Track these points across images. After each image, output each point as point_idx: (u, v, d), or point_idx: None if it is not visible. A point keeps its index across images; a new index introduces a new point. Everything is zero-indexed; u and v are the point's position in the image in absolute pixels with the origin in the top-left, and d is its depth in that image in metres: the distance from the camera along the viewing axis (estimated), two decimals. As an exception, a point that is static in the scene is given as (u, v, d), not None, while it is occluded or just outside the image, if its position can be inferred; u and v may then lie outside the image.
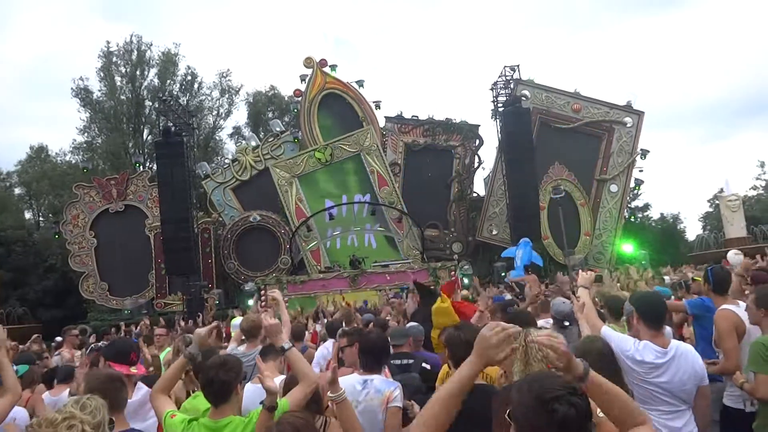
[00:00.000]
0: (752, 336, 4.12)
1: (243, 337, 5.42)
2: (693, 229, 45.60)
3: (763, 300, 3.82)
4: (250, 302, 20.67)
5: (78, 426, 2.16)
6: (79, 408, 2.25)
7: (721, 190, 26.26)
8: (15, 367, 4.61)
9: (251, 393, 3.74)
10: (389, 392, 3.45)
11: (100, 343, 7.26)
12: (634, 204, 35.96)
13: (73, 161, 38.87)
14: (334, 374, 3.09)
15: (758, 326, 4.02)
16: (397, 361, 4.58)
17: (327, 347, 6.25)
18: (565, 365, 1.91)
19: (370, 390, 3.52)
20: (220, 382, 2.98)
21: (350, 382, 3.59)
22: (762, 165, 41.02)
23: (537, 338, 1.94)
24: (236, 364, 3.13)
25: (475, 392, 2.94)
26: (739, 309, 4.38)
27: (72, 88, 37.32)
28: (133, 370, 3.67)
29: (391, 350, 4.51)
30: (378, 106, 26.30)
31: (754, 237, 23.64)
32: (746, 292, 5.20)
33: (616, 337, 3.50)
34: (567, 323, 4.94)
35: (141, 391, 3.72)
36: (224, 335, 6.71)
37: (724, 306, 4.46)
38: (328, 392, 3.08)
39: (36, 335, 9.01)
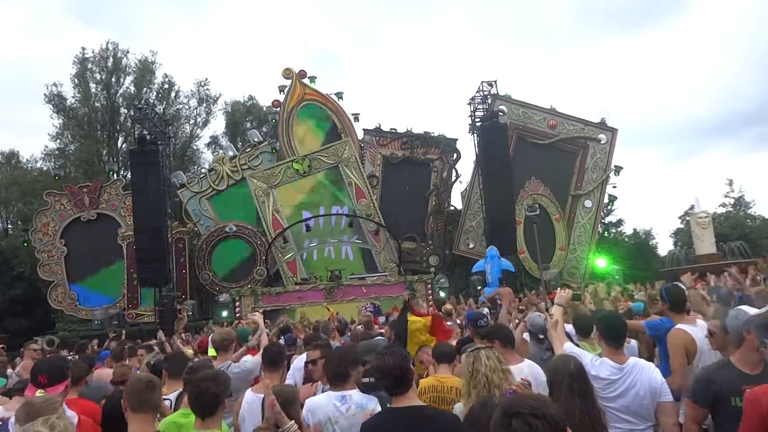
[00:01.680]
0: (704, 356, 4.20)
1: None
2: (665, 245, 46.44)
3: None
4: (224, 314, 20.44)
5: None
6: (48, 428, 2.19)
7: (692, 207, 26.79)
8: None
9: (251, 401, 3.87)
10: (371, 408, 3.43)
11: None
12: (607, 219, 36.52)
13: (45, 168, 38.04)
14: (278, 418, 3.10)
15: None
16: (365, 379, 4.53)
17: (302, 359, 6.20)
18: None
19: (350, 405, 3.49)
20: (211, 395, 3.05)
21: (328, 400, 3.54)
22: (730, 183, 41.95)
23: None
24: (226, 379, 3.25)
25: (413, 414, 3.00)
26: (695, 328, 4.46)
27: (45, 94, 36.68)
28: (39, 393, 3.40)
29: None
30: (357, 119, 26.41)
31: (723, 253, 24.16)
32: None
33: (576, 353, 3.60)
34: (542, 336, 4.99)
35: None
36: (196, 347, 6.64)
37: (679, 325, 4.56)
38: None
39: (0, 346, 8.76)
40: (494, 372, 3.10)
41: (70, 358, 6.52)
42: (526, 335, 5.26)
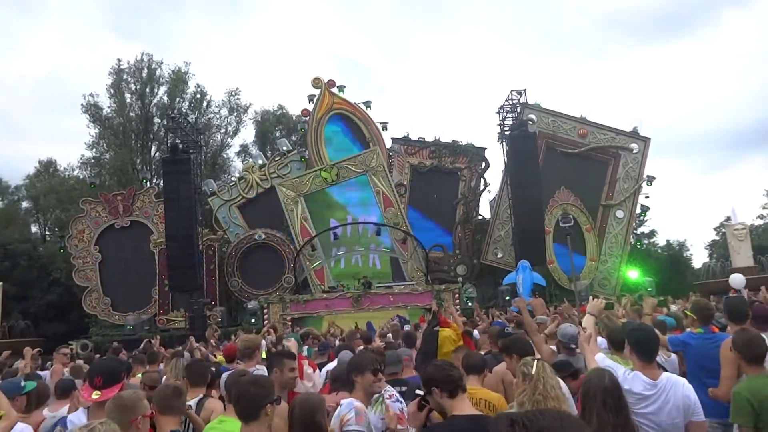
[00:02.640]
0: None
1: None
2: (699, 257, 45.25)
3: (737, 344, 3.81)
4: (253, 320, 20.62)
5: None
6: (103, 428, 2.26)
7: (728, 219, 26.10)
8: (22, 383, 4.57)
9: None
10: (344, 415, 3.43)
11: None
12: (640, 230, 35.88)
13: (81, 176, 39.11)
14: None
15: None
16: (396, 389, 4.53)
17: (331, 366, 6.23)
18: None
19: (333, 414, 3.54)
20: (249, 397, 3.04)
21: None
22: (768, 194, 40.80)
23: None
24: (268, 383, 3.22)
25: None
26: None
27: (82, 104, 37.77)
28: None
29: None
30: (385, 128, 26.49)
31: (761, 266, 23.43)
32: None
33: (609, 365, 3.53)
34: (573, 346, 4.91)
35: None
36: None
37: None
38: None
39: (37, 349, 8.98)
40: (558, 388, 3.06)
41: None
42: (554, 346, 5.18)
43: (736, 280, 7.97)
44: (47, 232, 40.50)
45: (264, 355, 5.67)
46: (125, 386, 3.64)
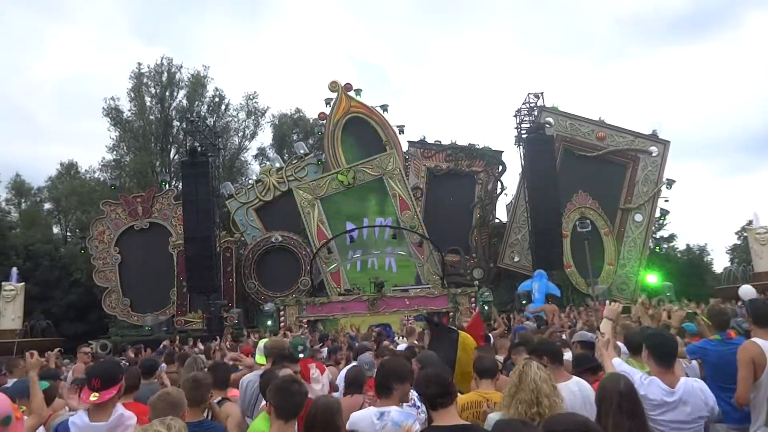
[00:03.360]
0: None
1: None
2: (720, 262, 44.65)
3: None
4: (269, 323, 20.75)
5: None
6: (165, 428, 2.37)
7: (750, 223, 25.66)
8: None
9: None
10: (407, 425, 3.36)
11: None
12: (659, 234, 35.41)
13: (102, 178, 39.70)
14: None
15: None
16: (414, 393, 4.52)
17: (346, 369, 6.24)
18: None
19: (387, 422, 3.47)
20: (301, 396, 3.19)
21: (366, 415, 3.55)
22: (792, 198, 40.11)
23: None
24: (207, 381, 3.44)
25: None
26: None
27: (103, 108, 38.37)
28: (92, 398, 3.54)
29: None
30: (401, 131, 26.50)
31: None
32: None
33: (626, 371, 3.49)
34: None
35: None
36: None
37: (753, 339, 4.46)
38: None
39: (57, 349, 9.12)
40: (544, 381, 3.04)
41: (124, 363, 6.74)
42: (568, 355, 5.13)
43: (746, 291, 7.83)
44: (68, 234, 41.16)
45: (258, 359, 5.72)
46: (122, 388, 3.70)
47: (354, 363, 5.95)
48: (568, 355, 5.10)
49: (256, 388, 4.64)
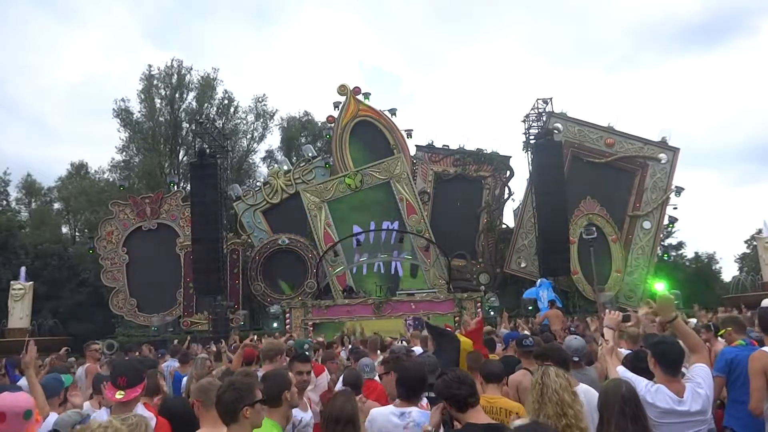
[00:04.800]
0: None
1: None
2: (729, 270, 44.20)
3: None
4: (275, 325, 20.78)
5: None
6: (121, 421, 2.35)
7: (759, 231, 25.48)
8: (62, 378, 4.69)
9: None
10: (427, 426, 3.32)
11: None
12: (667, 242, 35.12)
13: (111, 179, 39.97)
14: None
15: None
16: (429, 394, 4.50)
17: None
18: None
19: (409, 422, 3.48)
20: (224, 401, 3.06)
21: (386, 413, 3.56)
22: (802, 207, 39.77)
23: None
24: (245, 386, 3.23)
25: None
26: None
27: (113, 109, 38.64)
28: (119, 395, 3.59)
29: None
30: (409, 135, 26.51)
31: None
32: None
33: (630, 378, 3.47)
34: (576, 359, 4.83)
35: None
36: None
37: (764, 348, 4.45)
38: None
39: (65, 348, 9.17)
40: (564, 390, 3.02)
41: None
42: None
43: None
44: (77, 233, 41.42)
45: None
46: (145, 388, 3.72)
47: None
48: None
49: None
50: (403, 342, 9.06)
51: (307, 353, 5.70)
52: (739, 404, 4.48)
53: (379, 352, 7.97)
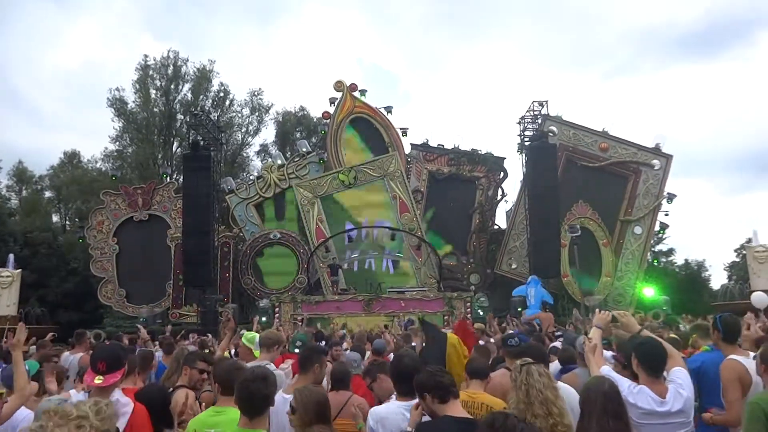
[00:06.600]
0: (759, 389, 4.02)
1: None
2: (718, 278, 44.53)
3: (766, 357, 3.73)
4: (264, 319, 20.69)
5: (86, 429, 2.18)
6: (95, 412, 2.27)
7: (749, 241, 25.66)
8: (26, 367, 4.64)
9: (280, 403, 3.91)
10: None
11: None
12: (658, 248, 35.36)
13: (104, 169, 39.74)
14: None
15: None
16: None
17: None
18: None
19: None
20: (262, 396, 3.08)
21: (396, 410, 3.54)
22: (792, 217, 40.12)
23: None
24: (275, 379, 3.28)
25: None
26: (748, 360, 4.32)
27: (108, 98, 38.39)
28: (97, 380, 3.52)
29: None
30: (405, 133, 26.48)
31: (780, 290, 22.98)
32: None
33: (614, 377, 3.48)
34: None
35: None
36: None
37: (731, 356, 4.41)
38: None
39: (51, 334, 9.10)
40: (548, 389, 3.04)
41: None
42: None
43: (759, 299, 7.74)
44: (68, 222, 41.18)
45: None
46: (125, 373, 3.68)
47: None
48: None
49: None
50: (385, 336, 9.00)
51: (296, 350, 5.72)
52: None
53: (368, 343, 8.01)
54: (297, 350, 5.88)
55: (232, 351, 6.84)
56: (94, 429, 2.19)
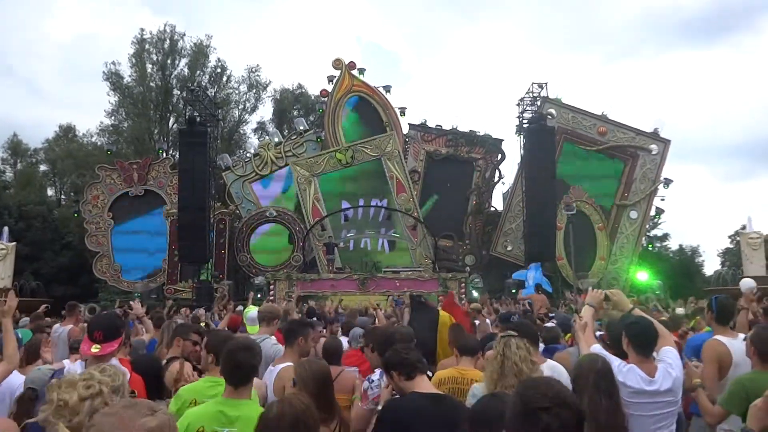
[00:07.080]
0: (740, 370, 4.09)
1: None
2: (711, 264, 44.79)
3: (756, 339, 3.80)
4: (258, 296, 20.76)
5: (96, 386, 2.19)
6: (99, 371, 2.29)
7: (744, 227, 25.79)
8: (19, 335, 4.63)
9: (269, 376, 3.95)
10: None
11: None
12: (653, 232, 35.50)
13: (99, 143, 39.48)
14: None
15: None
16: None
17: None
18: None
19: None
20: (249, 366, 3.08)
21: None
22: (787, 205, 40.31)
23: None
24: (260, 349, 3.31)
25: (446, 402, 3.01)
26: (734, 341, 4.39)
27: (104, 72, 37.97)
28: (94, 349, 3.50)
29: None
30: (403, 113, 26.29)
31: (773, 276, 23.13)
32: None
33: (605, 355, 3.48)
34: None
35: None
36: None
37: (717, 336, 4.50)
38: None
39: (44, 306, 9.10)
40: (524, 361, 3.05)
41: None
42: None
43: (748, 285, 7.76)
44: (63, 196, 41.00)
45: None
46: (122, 342, 3.68)
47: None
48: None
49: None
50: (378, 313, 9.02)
51: None
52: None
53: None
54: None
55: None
56: (104, 384, 2.21)
